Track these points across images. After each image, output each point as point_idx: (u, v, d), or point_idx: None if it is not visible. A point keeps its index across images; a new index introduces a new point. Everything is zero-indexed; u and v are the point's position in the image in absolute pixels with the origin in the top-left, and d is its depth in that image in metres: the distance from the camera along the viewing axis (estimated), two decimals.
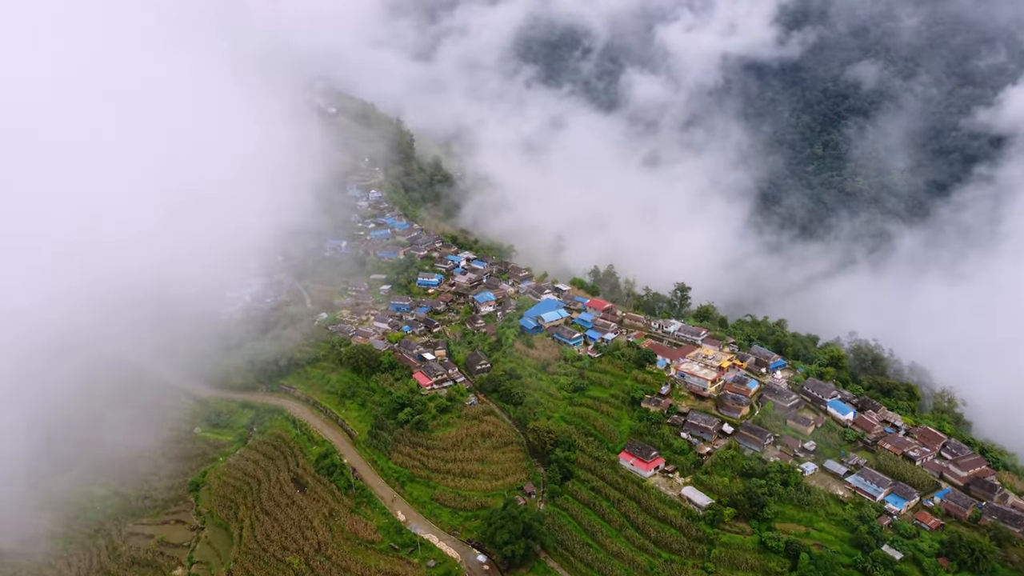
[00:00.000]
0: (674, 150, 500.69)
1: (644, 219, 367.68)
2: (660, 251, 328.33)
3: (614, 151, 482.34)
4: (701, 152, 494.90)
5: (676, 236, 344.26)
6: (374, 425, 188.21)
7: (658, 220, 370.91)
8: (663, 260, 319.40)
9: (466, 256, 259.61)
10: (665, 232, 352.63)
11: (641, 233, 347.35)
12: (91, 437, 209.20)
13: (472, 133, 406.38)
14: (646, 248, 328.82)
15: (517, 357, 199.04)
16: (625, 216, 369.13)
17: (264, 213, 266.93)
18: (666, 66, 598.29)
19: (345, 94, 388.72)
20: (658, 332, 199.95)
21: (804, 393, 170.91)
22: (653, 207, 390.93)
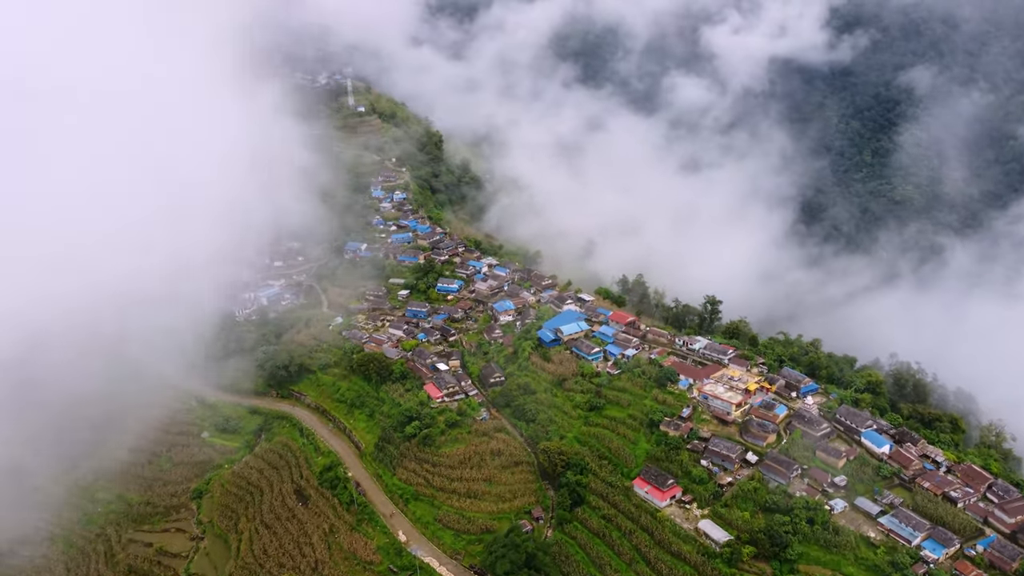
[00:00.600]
0: (715, 155, 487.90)
1: (679, 226, 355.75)
2: (694, 260, 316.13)
3: (652, 155, 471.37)
4: (743, 157, 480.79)
5: (711, 245, 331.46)
6: (381, 438, 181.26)
7: (693, 227, 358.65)
8: (696, 269, 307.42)
9: (488, 262, 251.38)
10: (700, 240, 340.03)
11: (675, 240, 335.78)
12: (98, 439, 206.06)
13: (503, 133, 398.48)
14: (679, 256, 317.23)
15: (533, 371, 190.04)
16: (659, 222, 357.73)
17: (284, 213, 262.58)
18: (711, 68, 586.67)
19: (376, 92, 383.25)
20: (682, 349, 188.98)
21: (836, 422, 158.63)
22: (689, 213, 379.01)
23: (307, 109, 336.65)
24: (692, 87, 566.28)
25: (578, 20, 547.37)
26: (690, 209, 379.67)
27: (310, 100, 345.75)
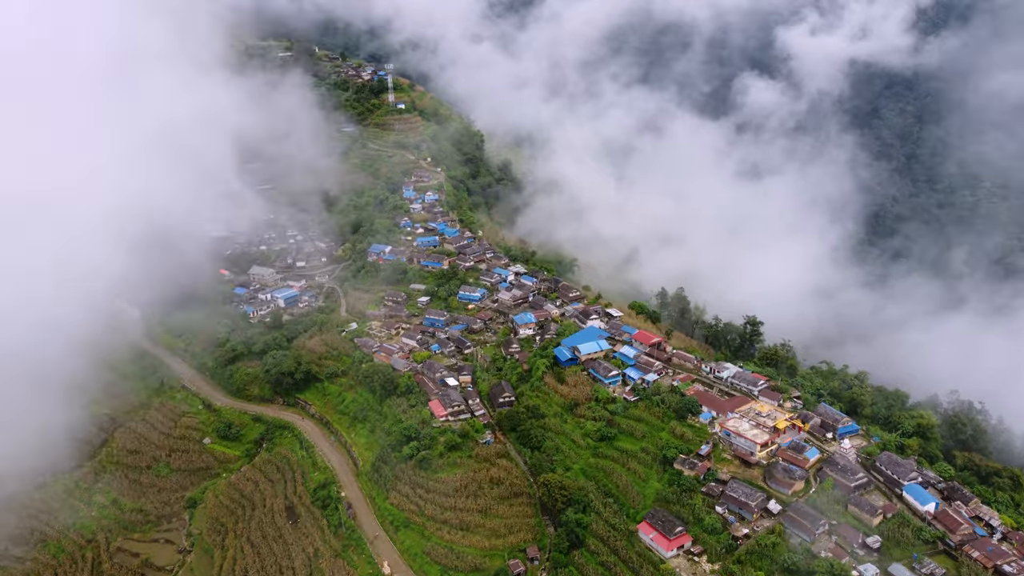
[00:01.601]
0: (779, 161, 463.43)
1: (730, 236, 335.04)
2: (742, 273, 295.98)
3: (710, 160, 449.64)
4: (809, 164, 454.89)
5: (763, 257, 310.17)
6: (378, 456, 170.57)
7: (746, 238, 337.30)
8: (744, 284, 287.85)
9: (516, 270, 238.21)
10: (751, 252, 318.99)
11: (724, 251, 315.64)
12: (104, 439, 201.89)
13: (548, 133, 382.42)
14: (727, 269, 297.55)
15: (545, 392, 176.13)
16: (709, 232, 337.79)
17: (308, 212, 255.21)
18: (786, 70, 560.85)
19: (420, 89, 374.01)
20: (709, 377, 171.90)
21: (875, 471, 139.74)
22: (743, 223, 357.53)
23: (348, 106, 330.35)
24: (764, 90, 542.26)
25: (636, 15, 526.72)
26: (745, 218, 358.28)
27: (353, 97, 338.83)
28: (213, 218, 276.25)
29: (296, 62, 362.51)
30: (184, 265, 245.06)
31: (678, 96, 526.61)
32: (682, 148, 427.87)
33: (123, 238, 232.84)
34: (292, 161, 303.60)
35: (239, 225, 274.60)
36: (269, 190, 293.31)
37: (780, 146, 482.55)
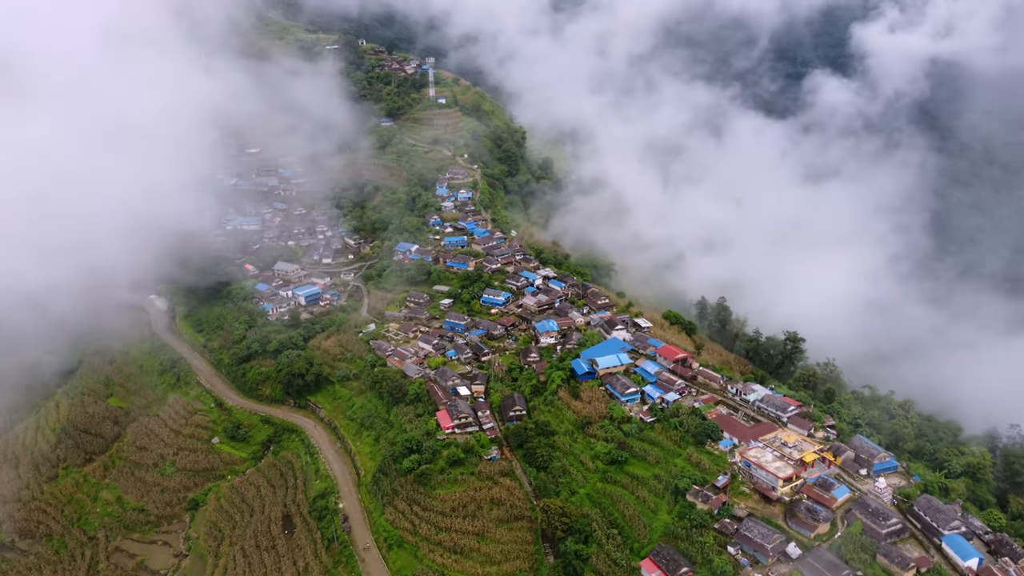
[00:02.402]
0: (844, 165, 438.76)
1: (782, 242, 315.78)
2: (792, 282, 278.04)
3: (770, 161, 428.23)
4: (876, 169, 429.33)
5: (816, 266, 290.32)
6: (379, 467, 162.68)
7: (799, 244, 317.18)
8: (793, 294, 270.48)
9: (544, 274, 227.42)
10: (804, 260, 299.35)
11: (774, 259, 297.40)
12: (117, 434, 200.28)
13: (594, 131, 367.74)
14: (776, 277, 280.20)
15: (557, 407, 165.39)
16: (761, 237, 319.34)
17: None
18: (862, 69, 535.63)
19: (464, 83, 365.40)
20: (734, 399, 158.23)
21: (913, 515, 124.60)
22: (798, 229, 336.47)
23: (388, 100, 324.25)
24: (837, 89, 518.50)
25: (696, 7, 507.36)
26: (799, 224, 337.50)
27: (394, 91, 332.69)
28: (243, 210, 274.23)
29: (341, 55, 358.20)
30: (211, 258, 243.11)
31: (739, 93, 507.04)
32: (738, 148, 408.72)
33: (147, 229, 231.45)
34: (328, 156, 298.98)
35: (270, 219, 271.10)
36: (302, 183, 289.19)
37: (846, 148, 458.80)
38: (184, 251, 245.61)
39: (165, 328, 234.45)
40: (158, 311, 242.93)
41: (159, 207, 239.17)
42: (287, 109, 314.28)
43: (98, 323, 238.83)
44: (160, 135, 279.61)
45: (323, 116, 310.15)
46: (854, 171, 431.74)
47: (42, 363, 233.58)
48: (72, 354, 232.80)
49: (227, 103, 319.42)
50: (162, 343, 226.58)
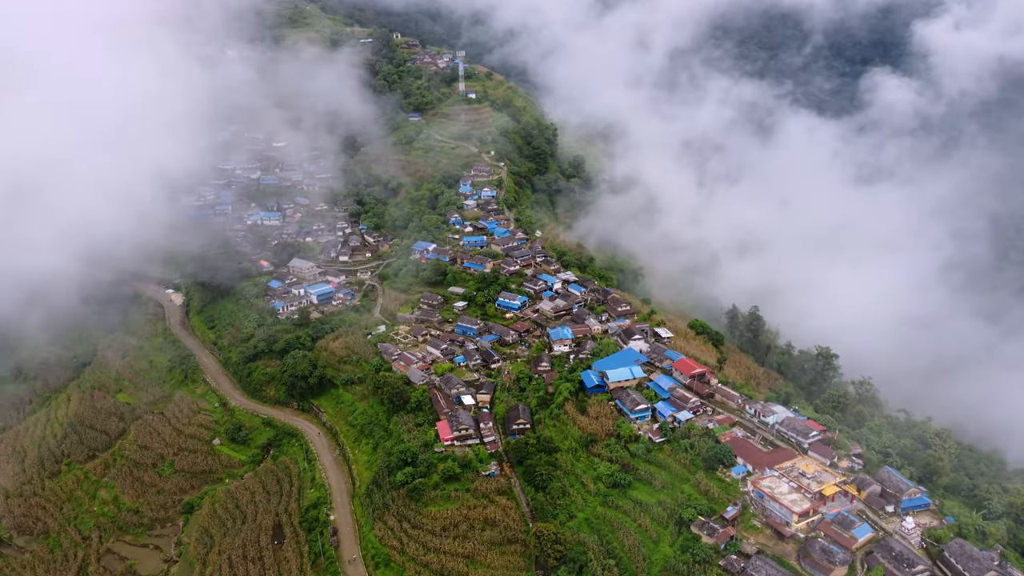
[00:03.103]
0: (899, 167, 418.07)
1: (826, 248, 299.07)
2: (833, 291, 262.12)
3: (818, 161, 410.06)
4: (937, 170, 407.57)
5: (860, 273, 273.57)
6: (373, 479, 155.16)
7: (844, 250, 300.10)
8: (834, 304, 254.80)
9: (564, 278, 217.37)
10: (848, 267, 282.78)
11: (815, 265, 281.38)
12: (122, 430, 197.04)
13: (630, 127, 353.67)
14: (816, 285, 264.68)
15: (563, 422, 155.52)
16: (802, 242, 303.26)
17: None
18: (924, 68, 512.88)
19: (498, 78, 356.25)
20: (752, 421, 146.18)
21: (943, 562, 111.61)
22: (844, 234, 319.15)
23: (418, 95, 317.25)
24: (897, 88, 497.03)
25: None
26: (846, 228, 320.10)
27: (425, 85, 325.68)
28: (265, 205, 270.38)
29: (373, 49, 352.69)
30: (227, 253, 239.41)
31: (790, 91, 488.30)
32: (785, 147, 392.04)
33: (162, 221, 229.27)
34: (353, 151, 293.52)
35: (291, 214, 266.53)
36: (327, 178, 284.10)
37: (902, 149, 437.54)
38: (201, 245, 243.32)
39: (178, 323, 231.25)
40: (174, 306, 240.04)
41: (173, 199, 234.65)
42: (314, 103, 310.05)
43: (114, 316, 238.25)
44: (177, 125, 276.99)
45: (350, 111, 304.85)
46: (909, 173, 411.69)
47: (58, 355, 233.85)
48: (88, 347, 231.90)
49: (254, 96, 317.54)
50: (173, 339, 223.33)
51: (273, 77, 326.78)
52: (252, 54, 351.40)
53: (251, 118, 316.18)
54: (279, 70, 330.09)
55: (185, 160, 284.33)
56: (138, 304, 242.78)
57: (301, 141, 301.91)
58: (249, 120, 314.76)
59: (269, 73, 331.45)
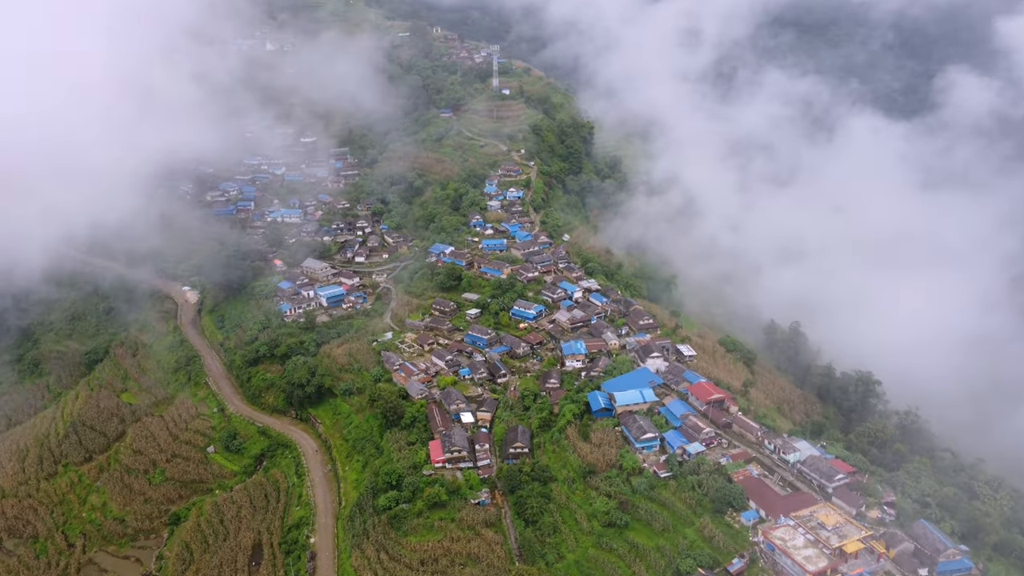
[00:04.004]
0: (978, 171, 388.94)
1: (885, 257, 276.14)
2: (887, 305, 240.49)
3: (885, 164, 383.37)
4: (1014, 176, 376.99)
5: (917, 287, 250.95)
6: (357, 501, 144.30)
7: (906, 261, 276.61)
8: (888, 319, 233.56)
9: (586, 286, 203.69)
10: (907, 279, 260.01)
11: (867, 277, 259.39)
12: (121, 432, 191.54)
13: (673, 125, 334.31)
14: (867, 299, 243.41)
15: (563, 448, 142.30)
16: (859, 251, 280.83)
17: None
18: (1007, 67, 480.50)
19: (536, 73, 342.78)
20: (771, 457, 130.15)
21: None
22: (908, 242, 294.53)
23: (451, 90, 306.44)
24: (976, 88, 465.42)
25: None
26: (909, 237, 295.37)
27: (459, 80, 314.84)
28: (287, 201, 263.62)
29: (410, 43, 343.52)
30: (242, 251, 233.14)
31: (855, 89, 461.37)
32: (843, 148, 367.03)
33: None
34: (382, 148, 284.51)
35: (312, 211, 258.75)
36: (352, 175, 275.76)
37: (976, 152, 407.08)
38: (216, 241, 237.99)
39: (189, 322, 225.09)
40: (188, 303, 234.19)
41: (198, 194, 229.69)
42: (344, 98, 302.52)
43: (130, 312, 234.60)
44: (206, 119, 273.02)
45: (380, 107, 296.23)
46: (982, 178, 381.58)
47: (74, 350, 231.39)
48: (102, 342, 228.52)
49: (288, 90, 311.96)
50: (182, 338, 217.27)
51: (307, 71, 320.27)
52: (290, 47, 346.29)
53: (283, 113, 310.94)
54: (314, 64, 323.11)
55: (212, 155, 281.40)
56: (154, 300, 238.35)
57: (329, 137, 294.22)
58: (280, 115, 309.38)
59: (304, 67, 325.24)
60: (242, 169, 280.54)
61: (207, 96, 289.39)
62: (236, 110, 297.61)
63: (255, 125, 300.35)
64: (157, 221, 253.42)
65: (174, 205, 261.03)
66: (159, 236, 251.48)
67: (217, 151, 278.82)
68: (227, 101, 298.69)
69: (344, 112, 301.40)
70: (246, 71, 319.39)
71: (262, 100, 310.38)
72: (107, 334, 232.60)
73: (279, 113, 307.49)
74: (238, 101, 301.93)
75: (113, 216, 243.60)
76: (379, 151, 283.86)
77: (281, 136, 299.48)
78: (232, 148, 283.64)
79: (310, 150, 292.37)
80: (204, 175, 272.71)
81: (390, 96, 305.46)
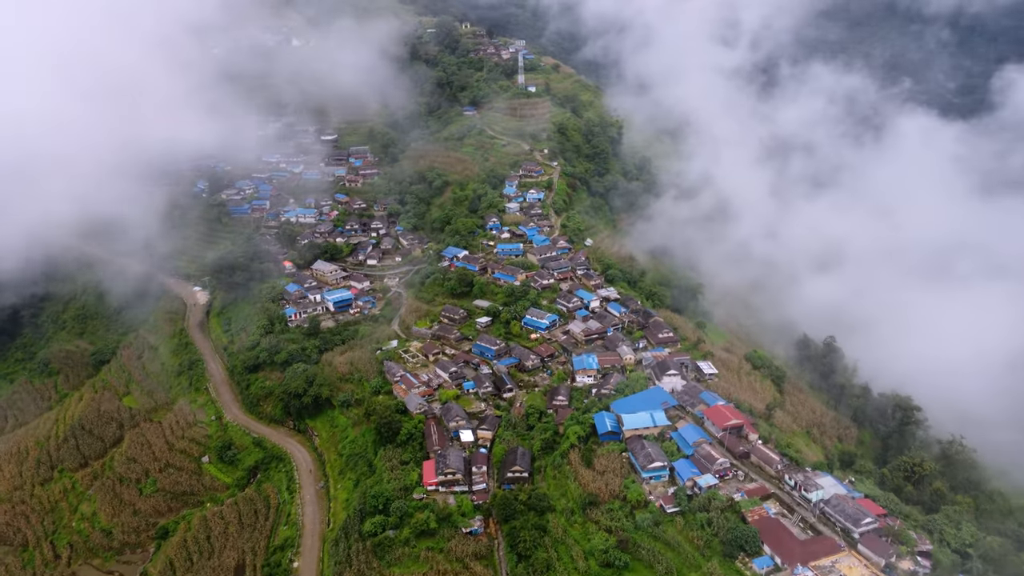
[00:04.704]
0: None
1: (934, 268, 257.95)
2: (934, 320, 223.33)
3: (939, 169, 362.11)
4: None
5: (967, 302, 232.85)
6: (344, 525, 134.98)
7: (957, 272, 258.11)
8: (934, 336, 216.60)
9: (604, 294, 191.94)
10: (958, 292, 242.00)
11: (917, 288, 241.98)
12: (119, 438, 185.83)
13: (708, 124, 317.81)
14: (913, 312, 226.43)
15: (564, 474, 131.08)
16: (906, 260, 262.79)
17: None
18: None
19: (565, 70, 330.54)
20: (791, 494, 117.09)
21: None
22: (960, 252, 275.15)
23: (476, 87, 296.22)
24: None
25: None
26: (962, 246, 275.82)
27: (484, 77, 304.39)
28: (303, 200, 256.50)
29: (437, 39, 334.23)
30: (252, 251, 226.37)
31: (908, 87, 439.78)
32: (891, 149, 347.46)
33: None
34: (403, 147, 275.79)
35: (328, 211, 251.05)
36: (371, 174, 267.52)
37: None
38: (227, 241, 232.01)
39: (197, 323, 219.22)
40: (198, 304, 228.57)
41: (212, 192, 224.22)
42: (366, 96, 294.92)
43: (140, 312, 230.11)
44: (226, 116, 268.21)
45: (402, 104, 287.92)
46: None
47: (83, 350, 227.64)
48: (111, 343, 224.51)
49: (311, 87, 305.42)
50: (187, 341, 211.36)
51: (330, 68, 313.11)
52: (316, 43, 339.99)
53: (305, 109, 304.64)
54: (338, 61, 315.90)
55: (230, 152, 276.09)
56: (165, 300, 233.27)
57: (350, 135, 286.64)
58: (302, 111, 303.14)
59: (327, 64, 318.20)
60: (260, 167, 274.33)
61: (227, 91, 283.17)
62: (256, 106, 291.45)
63: (276, 122, 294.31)
64: (171, 218, 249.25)
65: (188, 202, 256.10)
66: (173, 234, 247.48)
67: (235, 148, 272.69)
68: (248, 96, 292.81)
69: (367, 110, 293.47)
70: (269, 66, 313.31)
71: (284, 97, 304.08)
72: (116, 334, 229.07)
73: (300, 109, 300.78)
74: (259, 97, 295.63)
75: (126, 211, 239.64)
76: (400, 149, 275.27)
77: (302, 133, 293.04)
78: (250, 145, 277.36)
79: (330, 148, 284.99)
80: (221, 172, 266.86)
81: (414, 93, 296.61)
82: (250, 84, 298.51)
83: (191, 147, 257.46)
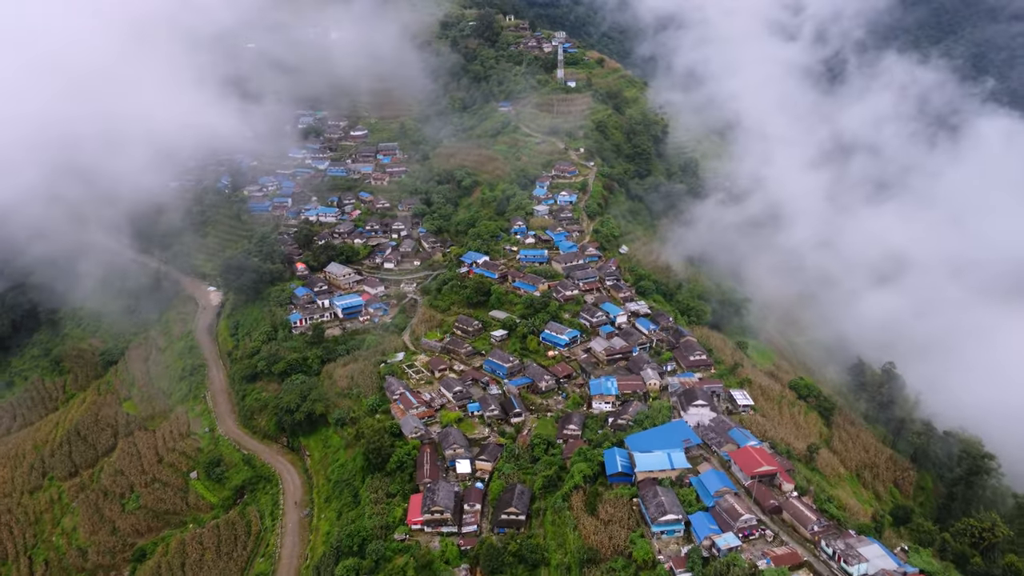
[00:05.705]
0: None
1: (1011, 286, 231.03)
2: (1014, 347, 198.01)
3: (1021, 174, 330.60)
4: None
5: None
6: (317, 565, 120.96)
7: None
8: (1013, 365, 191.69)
9: (633, 309, 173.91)
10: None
11: (993, 308, 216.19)
12: (111, 447, 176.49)
13: (762, 122, 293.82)
14: (988, 336, 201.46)
15: (564, 520, 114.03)
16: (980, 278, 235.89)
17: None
18: None
19: (611, 65, 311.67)
20: (829, 565, 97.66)
21: None
22: None
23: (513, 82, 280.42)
24: None
25: None
26: None
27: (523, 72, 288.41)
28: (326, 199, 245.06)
29: (476, 31, 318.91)
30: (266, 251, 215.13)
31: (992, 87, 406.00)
32: (968, 153, 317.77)
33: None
34: (434, 143, 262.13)
35: (350, 210, 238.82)
36: (398, 172, 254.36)
37: None
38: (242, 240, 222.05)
39: (206, 326, 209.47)
40: (209, 305, 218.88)
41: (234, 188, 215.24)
42: (399, 90, 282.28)
43: (152, 311, 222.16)
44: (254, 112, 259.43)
45: (435, 99, 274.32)
46: None
47: (94, 349, 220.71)
48: (121, 343, 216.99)
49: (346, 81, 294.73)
50: (193, 344, 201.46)
51: (366, 61, 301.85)
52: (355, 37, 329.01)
53: (337, 104, 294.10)
54: (374, 54, 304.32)
55: (257, 147, 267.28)
56: (178, 300, 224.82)
57: (379, 131, 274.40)
58: (334, 106, 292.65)
59: (364, 57, 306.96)
60: (285, 163, 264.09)
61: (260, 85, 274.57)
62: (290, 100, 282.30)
63: (307, 116, 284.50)
64: (191, 214, 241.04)
65: (211, 198, 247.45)
66: (192, 230, 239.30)
67: (262, 142, 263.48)
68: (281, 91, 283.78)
69: (399, 105, 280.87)
70: (304, 60, 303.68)
71: (318, 91, 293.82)
72: (128, 333, 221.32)
73: (332, 104, 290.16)
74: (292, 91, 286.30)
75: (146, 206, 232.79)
76: (431, 146, 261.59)
77: (332, 128, 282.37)
78: (278, 140, 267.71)
79: (359, 144, 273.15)
80: (246, 168, 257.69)
81: (449, 88, 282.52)
82: (284, 79, 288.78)
83: (218, 141, 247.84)
